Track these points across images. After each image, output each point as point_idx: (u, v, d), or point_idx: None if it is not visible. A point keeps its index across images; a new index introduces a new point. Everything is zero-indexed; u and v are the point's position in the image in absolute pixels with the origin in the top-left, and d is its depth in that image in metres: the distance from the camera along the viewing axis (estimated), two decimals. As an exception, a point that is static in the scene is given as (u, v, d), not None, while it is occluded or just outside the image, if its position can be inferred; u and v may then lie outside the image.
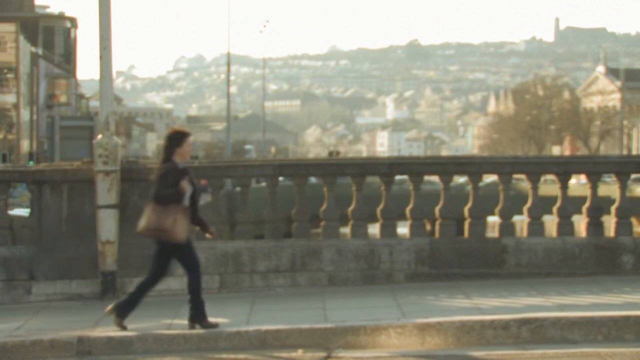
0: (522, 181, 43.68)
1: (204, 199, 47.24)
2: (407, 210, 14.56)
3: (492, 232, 14.91)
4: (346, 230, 14.80)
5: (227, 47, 76.30)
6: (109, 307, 11.28)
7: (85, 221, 13.93)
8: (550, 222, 15.13)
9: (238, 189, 15.29)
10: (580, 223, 14.80)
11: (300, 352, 10.34)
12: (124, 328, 11.09)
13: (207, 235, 11.74)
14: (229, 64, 73.89)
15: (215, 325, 10.98)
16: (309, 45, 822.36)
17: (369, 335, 10.59)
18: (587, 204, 14.65)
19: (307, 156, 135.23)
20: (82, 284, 13.87)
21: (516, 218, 14.74)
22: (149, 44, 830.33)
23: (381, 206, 14.55)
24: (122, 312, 11.19)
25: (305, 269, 14.13)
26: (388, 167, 14.63)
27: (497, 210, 14.74)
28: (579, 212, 14.69)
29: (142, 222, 11.08)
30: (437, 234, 14.52)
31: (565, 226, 14.61)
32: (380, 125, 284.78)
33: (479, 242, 14.34)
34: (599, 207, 14.66)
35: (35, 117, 74.40)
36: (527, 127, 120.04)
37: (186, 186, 10.96)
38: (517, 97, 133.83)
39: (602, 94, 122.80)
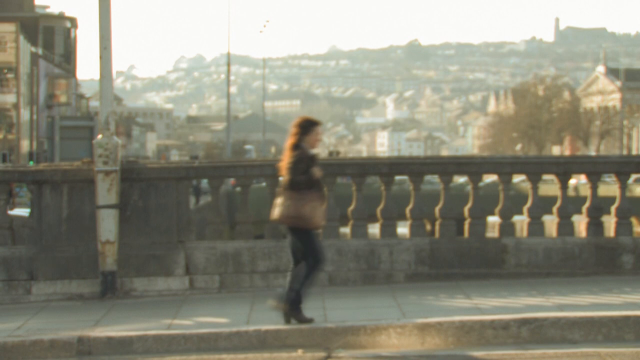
0: (522, 182, 43.70)
1: (204, 199, 47.26)
2: (407, 210, 14.56)
3: (492, 232, 14.90)
4: (346, 230, 14.79)
5: (227, 47, 76.33)
6: (275, 302, 11.03)
7: (85, 221, 13.93)
8: (550, 222, 15.13)
9: (238, 189, 15.29)
10: (580, 223, 14.80)
11: (300, 352, 10.34)
12: (309, 321, 10.89)
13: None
14: (229, 64, 73.93)
15: (311, 320, 10.86)
16: (309, 45, 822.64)
17: (369, 335, 10.59)
18: (587, 204, 14.65)
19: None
20: (82, 284, 13.87)
21: (516, 218, 14.74)
22: (149, 44, 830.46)
23: (381, 206, 14.55)
24: (293, 306, 11.00)
25: (305, 269, 14.10)
26: (388, 167, 14.63)
27: (497, 210, 14.74)
28: (579, 212, 14.70)
29: (279, 210, 10.97)
30: (437, 234, 14.52)
31: (565, 226, 14.61)
32: (380, 125, 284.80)
33: (479, 242, 14.34)
34: (599, 207, 14.66)
35: (35, 117, 74.39)
36: (527, 127, 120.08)
37: (318, 172, 10.95)
38: (517, 97, 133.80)
39: (602, 94, 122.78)
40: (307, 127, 11.12)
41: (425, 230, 14.60)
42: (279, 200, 11.04)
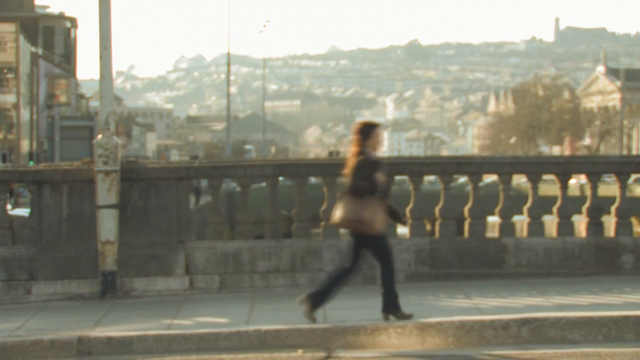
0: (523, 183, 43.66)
1: (204, 198, 47.21)
2: (407, 210, 14.56)
3: (492, 232, 14.90)
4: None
5: (227, 47, 76.37)
6: (302, 296, 11.05)
7: (85, 221, 13.93)
8: (550, 222, 15.13)
9: (238, 189, 15.29)
10: (580, 223, 14.80)
11: (300, 352, 10.34)
12: (313, 320, 10.88)
13: (400, 225, 11.64)
14: (229, 64, 73.93)
15: (409, 316, 10.84)
16: (309, 45, 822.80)
17: (369, 335, 10.59)
18: (587, 204, 14.65)
19: (307, 156, 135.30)
20: (82, 284, 13.87)
21: (516, 218, 14.74)
22: (149, 44, 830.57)
23: (381, 206, 14.52)
24: (315, 303, 10.99)
25: (305, 269, 14.13)
26: (388, 167, 14.61)
27: (497, 210, 14.74)
28: (579, 212, 14.69)
29: (340, 213, 10.94)
30: (437, 234, 14.51)
31: (565, 226, 14.61)
32: (380, 125, 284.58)
33: (479, 242, 14.34)
34: (599, 207, 14.66)
35: (35, 117, 74.41)
36: (527, 127, 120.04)
37: (381, 178, 10.93)
38: (517, 97, 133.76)
39: (602, 94, 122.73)
40: (367, 131, 11.17)
41: (425, 230, 14.60)
42: (339, 204, 11.04)
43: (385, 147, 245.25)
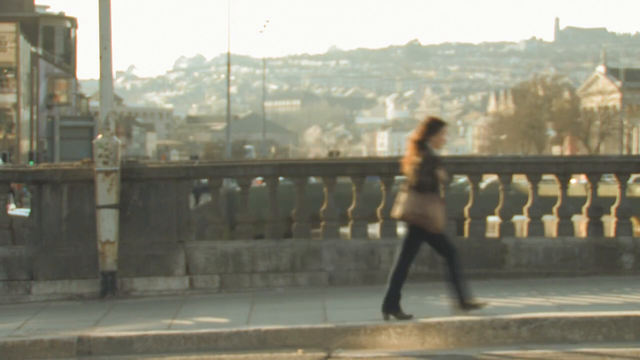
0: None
1: (204, 198, 47.30)
2: (407, 210, 14.53)
3: (492, 232, 14.90)
4: (346, 230, 14.79)
5: (227, 47, 76.33)
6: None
7: (85, 221, 13.93)
8: (550, 222, 15.13)
9: (238, 188, 15.29)
10: (580, 223, 14.80)
11: (300, 352, 10.34)
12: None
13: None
14: (229, 64, 73.91)
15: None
16: (309, 45, 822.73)
17: (369, 335, 10.59)
18: (587, 204, 14.65)
19: (307, 156, 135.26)
20: (82, 284, 13.87)
21: (516, 218, 14.74)
22: (149, 44, 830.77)
23: (381, 206, 14.54)
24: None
25: (305, 269, 14.13)
26: (388, 167, 14.63)
27: (497, 210, 14.74)
28: (579, 212, 14.69)
29: (404, 207, 10.96)
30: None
31: (565, 226, 14.61)
32: (380, 125, 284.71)
33: (479, 242, 14.34)
34: (599, 207, 14.66)
35: (35, 117, 74.41)
36: (527, 127, 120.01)
37: (443, 174, 10.96)
38: (517, 97, 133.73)
39: (602, 94, 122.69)
40: (435, 127, 11.14)
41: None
42: (401, 198, 11.04)
43: (385, 147, 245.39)
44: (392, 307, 11.02)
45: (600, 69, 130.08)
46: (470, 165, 14.77)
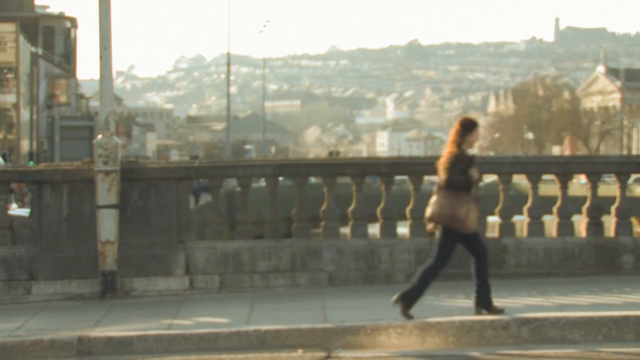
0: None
1: (204, 198, 47.30)
2: (407, 210, 14.56)
3: (492, 232, 14.90)
4: (346, 230, 14.79)
5: (227, 47, 76.38)
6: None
7: (85, 221, 13.93)
8: (550, 222, 15.13)
9: (238, 188, 15.29)
10: (580, 223, 14.80)
11: (300, 352, 10.34)
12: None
13: None
14: (229, 64, 73.93)
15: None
16: (309, 45, 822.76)
17: (369, 335, 10.59)
18: (587, 204, 14.65)
19: (307, 156, 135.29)
20: (82, 284, 13.87)
21: (516, 218, 14.74)
22: (149, 44, 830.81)
23: (381, 206, 14.55)
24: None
25: (305, 269, 14.13)
26: (388, 167, 14.63)
27: (497, 210, 14.73)
28: (579, 212, 14.69)
29: (433, 208, 10.96)
30: (437, 234, 14.49)
31: (565, 226, 14.61)
32: (380, 125, 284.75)
33: (479, 242, 14.30)
34: (599, 207, 14.66)
35: (35, 117, 74.39)
36: (527, 127, 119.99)
37: (475, 174, 10.94)
38: (517, 97, 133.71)
39: (602, 94, 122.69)
40: (470, 127, 11.16)
41: (425, 230, 14.58)
42: (433, 199, 11.03)
43: (385, 147, 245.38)
44: (409, 302, 10.95)
45: (600, 69, 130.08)
46: (470, 165, 14.73)
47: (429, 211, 11.06)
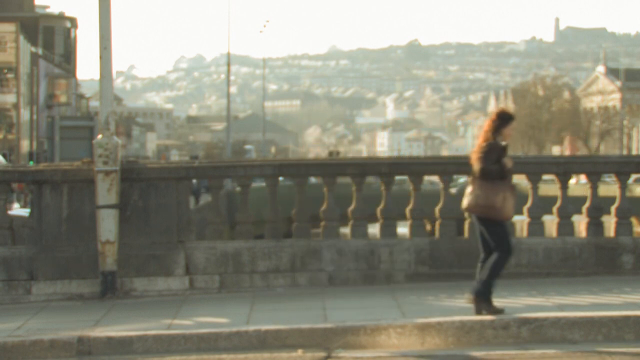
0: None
1: (204, 198, 47.29)
2: (407, 210, 14.56)
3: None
4: (346, 230, 14.79)
5: (227, 47, 76.34)
6: (469, 296, 11.00)
7: (85, 221, 13.93)
8: (550, 222, 15.13)
9: (238, 188, 15.29)
10: (580, 223, 14.80)
11: (300, 352, 10.34)
12: (498, 311, 10.81)
13: None
14: (229, 64, 73.90)
15: (501, 310, 10.83)
16: (309, 45, 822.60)
17: (369, 335, 10.59)
18: (587, 204, 14.65)
19: (307, 156, 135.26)
20: (82, 284, 13.87)
21: (516, 218, 14.72)
22: (149, 44, 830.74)
23: (381, 206, 14.55)
24: (482, 298, 10.95)
25: (305, 269, 14.13)
26: (388, 167, 14.63)
27: (497, 210, 14.70)
28: (579, 212, 14.69)
29: (469, 199, 10.96)
30: (437, 234, 14.51)
31: (565, 226, 14.61)
32: (380, 125, 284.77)
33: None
34: (599, 207, 14.66)
35: (35, 117, 74.37)
36: (527, 127, 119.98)
37: (509, 162, 10.93)
38: (517, 97, 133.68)
39: (602, 94, 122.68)
40: (506, 119, 11.13)
41: (425, 230, 14.60)
42: (468, 190, 11.02)
43: (385, 147, 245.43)
44: (485, 298, 10.92)
45: (600, 69, 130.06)
46: (471, 165, 14.73)
47: (465, 202, 11.07)
